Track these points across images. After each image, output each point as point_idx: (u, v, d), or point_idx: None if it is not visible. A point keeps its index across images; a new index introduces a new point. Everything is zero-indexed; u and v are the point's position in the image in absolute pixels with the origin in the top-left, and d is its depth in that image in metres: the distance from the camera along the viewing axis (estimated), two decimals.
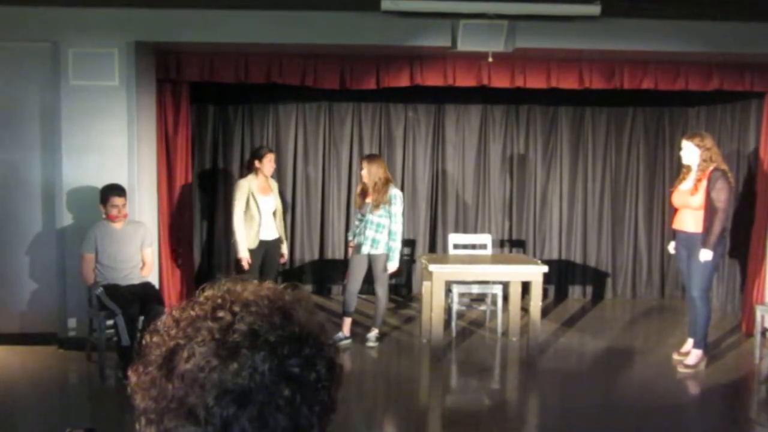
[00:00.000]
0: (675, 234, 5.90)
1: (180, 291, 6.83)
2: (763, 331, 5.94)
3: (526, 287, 6.36)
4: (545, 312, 7.13)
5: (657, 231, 8.36)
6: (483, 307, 7.15)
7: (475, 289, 6.80)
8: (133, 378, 0.92)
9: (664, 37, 6.03)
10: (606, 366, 6.07)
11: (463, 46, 5.94)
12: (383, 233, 6.08)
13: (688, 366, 5.67)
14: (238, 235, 6.15)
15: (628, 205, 8.39)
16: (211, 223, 8.15)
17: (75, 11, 5.84)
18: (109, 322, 5.40)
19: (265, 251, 6.31)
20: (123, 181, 5.81)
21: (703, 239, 5.46)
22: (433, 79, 6.55)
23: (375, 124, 8.23)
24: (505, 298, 6.62)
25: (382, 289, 6.23)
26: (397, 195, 6.13)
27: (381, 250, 6.09)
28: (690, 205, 5.56)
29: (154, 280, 6.04)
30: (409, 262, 8.23)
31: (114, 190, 5.53)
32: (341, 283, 7.72)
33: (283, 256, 6.63)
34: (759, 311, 5.96)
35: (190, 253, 7.21)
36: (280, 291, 0.96)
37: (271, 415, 0.86)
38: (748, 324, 6.64)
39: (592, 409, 5.06)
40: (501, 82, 6.58)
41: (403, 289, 8.27)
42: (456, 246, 6.96)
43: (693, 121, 8.26)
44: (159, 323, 0.94)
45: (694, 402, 5.42)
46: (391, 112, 8.24)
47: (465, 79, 6.53)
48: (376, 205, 6.04)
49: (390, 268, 6.14)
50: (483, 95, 7.83)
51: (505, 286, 6.58)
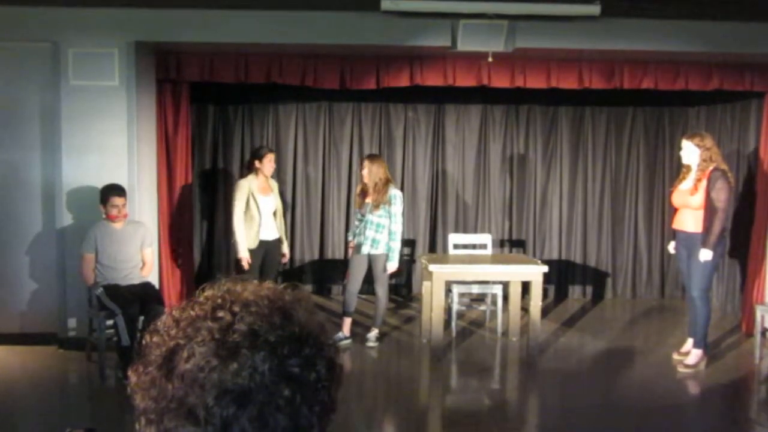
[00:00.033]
0: (675, 234, 5.90)
1: (180, 291, 6.83)
2: (763, 331, 5.94)
3: (526, 287, 6.36)
4: (545, 312, 7.13)
5: (657, 231, 8.36)
6: (483, 307, 7.15)
7: (475, 289, 6.80)
8: (133, 378, 0.92)
9: (664, 37, 6.03)
10: (606, 366, 6.07)
11: (463, 46, 5.94)
12: (383, 233, 6.08)
13: (688, 366, 5.67)
14: (238, 235, 6.16)
15: (628, 205, 8.39)
16: (211, 223, 8.15)
17: (75, 11, 5.84)
18: (109, 322, 5.40)
19: (265, 251, 6.31)
20: (123, 181, 5.81)
21: (703, 239, 5.46)
22: (433, 79, 6.55)
23: (375, 124, 8.23)
24: (505, 298, 6.62)
25: (382, 289, 6.23)
26: (397, 195, 6.13)
27: (381, 250, 6.09)
28: (690, 205, 5.56)
29: (154, 280, 6.04)
30: (409, 262, 8.23)
31: (114, 190, 5.53)
32: (341, 283, 7.72)
33: (285, 256, 6.64)
34: (759, 311, 5.96)
35: (190, 253, 7.21)
36: (280, 291, 0.96)
37: (271, 415, 0.86)
38: (748, 324, 6.64)
39: (592, 409, 5.06)
40: (501, 82, 6.58)
41: (403, 289, 8.27)
42: (456, 246, 6.96)
43: (693, 121, 8.26)
44: (159, 323, 0.94)
45: (694, 402, 5.42)
46: (391, 112, 8.24)
47: (465, 79, 6.53)
48: (376, 205, 6.04)
49: (389, 268, 6.14)
50: (483, 95, 7.83)
51: (505, 286, 6.58)
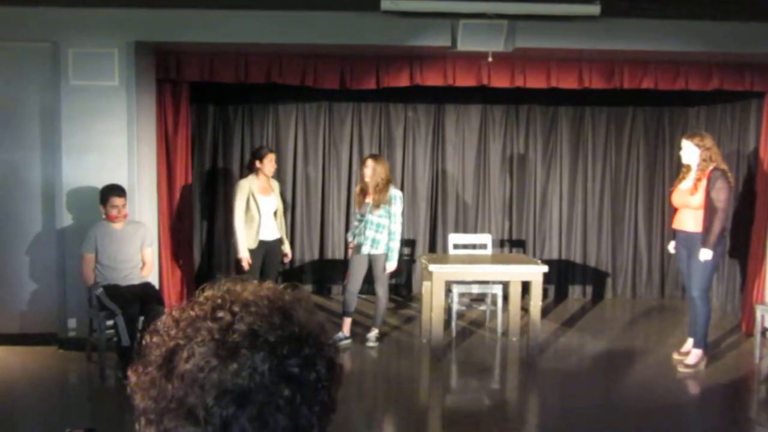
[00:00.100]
0: (675, 234, 5.90)
1: (180, 291, 6.83)
2: (763, 331, 5.94)
3: (526, 287, 6.36)
4: (545, 312, 7.13)
5: (657, 231, 8.36)
6: (483, 307, 7.14)
7: (475, 289, 6.80)
8: (132, 378, 0.92)
9: (664, 37, 6.03)
10: (606, 366, 6.07)
11: (463, 46, 5.94)
12: (383, 233, 6.08)
13: (688, 366, 5.67)
14: (238, 236, 6.16)
15: (628, 205, 8.39)
16: (211, 224, 8.15)
17: (75, 11, 5.84)
18: (109, 323, 5.40)
19: (265, 251, 6.31)
20: (123, 181, 5.81)
21: (702, 239, 5.46)
22: (433, 79, 6.55)
23: (375, 124, 8.23)
24: (505, 298, 6.62)
25: (382, 289, 6.23)
26: (397, 195, 6.14)
27: (381, 250, 6.09)
28: (690, 205, 5.56)
29: (154, 281, 6.04)
30: (409, 262, 8.23)
31: (114, 191, 5.53)
32: (341, 283, 7.71)
33: (287, 255, 6.64)
34: (759, 311, 5.96)
35: (190, 253, 7.21)
36: (280, 291, 0.96)
37: (271, 415, 0.86)
38: (748, 324, 6.64)
39: (592, 409, 5.06)
40: (501, 82, 6.57)
41: (403, 289, 8.27)
42: (456, 246, 6.96)
43: (693, 120, 8.26)
44: (159, 323, 0.94)
45: (694, 402, 5.42)
46: (391, 112, 8.24)
47: (465, 79, 6.53)
48: (377, 205, 6.04)
49: (388, 268, 6.14)
50: (483, 95, 7.83)
51: (505, 286, 6.58)
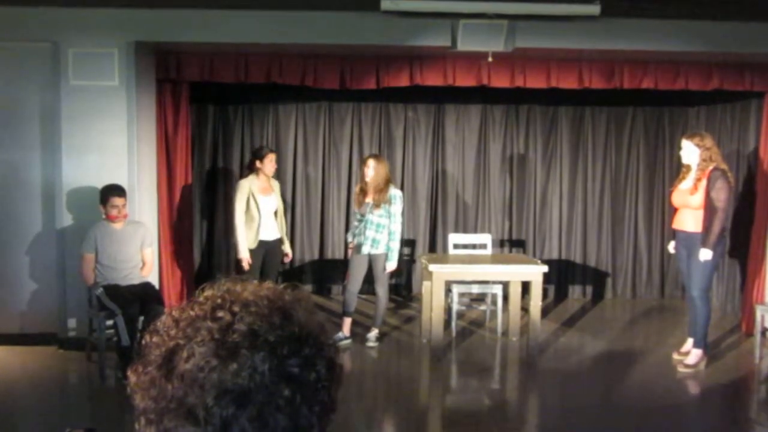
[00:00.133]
0: (675, 234, 5.90)
1: (180, 291, 6.83)
2: (763, 331, 5.94)
3: (526, 287, 6.35)
4: (545, 312, 7.13)
5: (657, 231, 8.36)
6: (483, 307, 7.14)
7: (475, 289, 6.80)
8: (132, 378, 0.92)
9: (664, 37, 6.03)
10: (606, 366, 6.07)
11: (462, 46, 5.94)
12: (383, 233, 6.08)
13: (688, 366, 5.67)
14: (238, 236, 6.16)
15: (628, 205, 8.39)
16: (211, 223, 8.15)
17: (75, 11, 5.84)
18: (109, 322, 5.40)
19: (265, 251, 6.31)
20: (123, 181, 5.81)
21: (702, 239, 5.46)
22: (433, 79, 6.55)
23: (375, 124, 8.23)
24: (505, 298, 6.62)
25: (382, 289, 6.23)
26: (397, 195, 6.14)
27: (381, 250, 6.09)
28: (690, 205, 5.56)
29: (154, 280, 6.04)
30: (409, 262, 8.23)
31: (114, 191, 5.53)
32: (341, 283, 7.71)
33: (288, 255, 6.64)
34: (759, 311, 5.96)
35: (190, 253, 7.21)
36: (280, 291, 0.96)
37: (271, 415, 0.86)
38: (748, 324, 6.64)
39: (592, 409, 5.06)
40: (501, 82, 6.57)
41: (403, 289, 8.27)
42: (456, 246, 6.96)
43: (693, 120, 8.26)
44: (159, 323, 0.94)
45: (694, 402, 5.42)
46: (391, 112, 8.24)
47: (465, 79, 6.53)
48: (377, 204, 6.04)
49: (388, 267, 6.14)
50: (483, 95, 7.83)
51: (505, 286, 6.58)
